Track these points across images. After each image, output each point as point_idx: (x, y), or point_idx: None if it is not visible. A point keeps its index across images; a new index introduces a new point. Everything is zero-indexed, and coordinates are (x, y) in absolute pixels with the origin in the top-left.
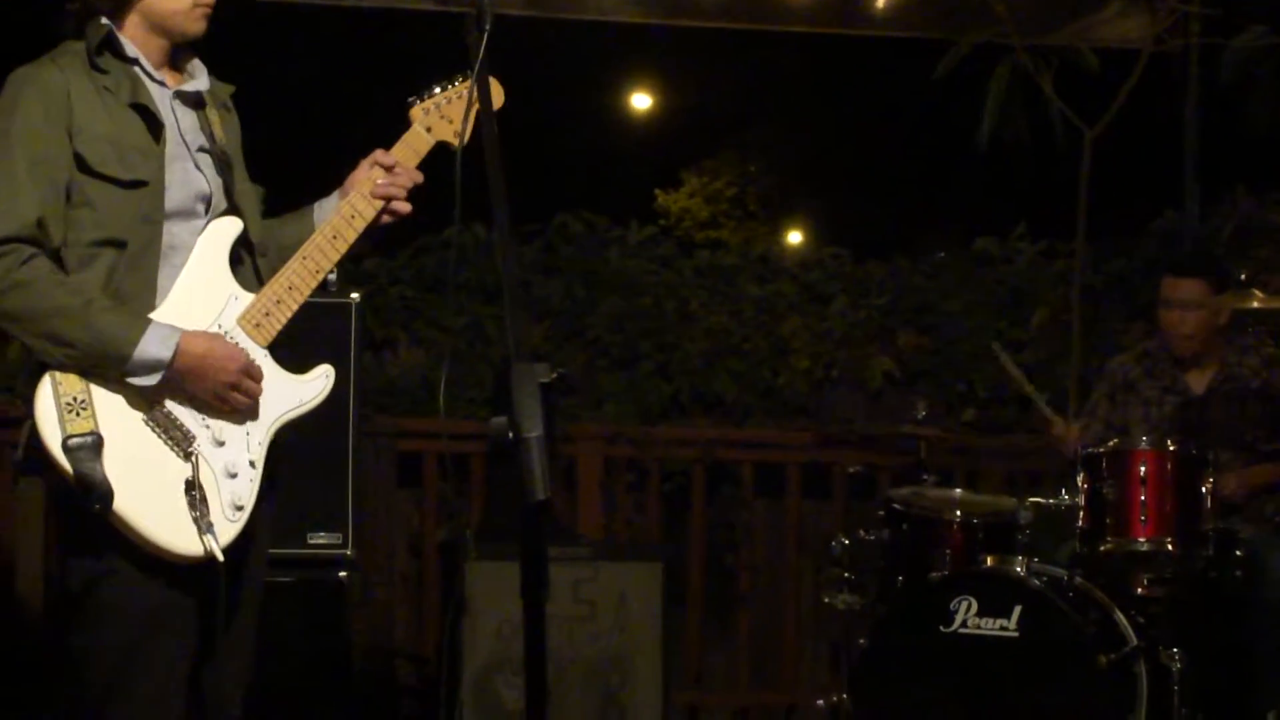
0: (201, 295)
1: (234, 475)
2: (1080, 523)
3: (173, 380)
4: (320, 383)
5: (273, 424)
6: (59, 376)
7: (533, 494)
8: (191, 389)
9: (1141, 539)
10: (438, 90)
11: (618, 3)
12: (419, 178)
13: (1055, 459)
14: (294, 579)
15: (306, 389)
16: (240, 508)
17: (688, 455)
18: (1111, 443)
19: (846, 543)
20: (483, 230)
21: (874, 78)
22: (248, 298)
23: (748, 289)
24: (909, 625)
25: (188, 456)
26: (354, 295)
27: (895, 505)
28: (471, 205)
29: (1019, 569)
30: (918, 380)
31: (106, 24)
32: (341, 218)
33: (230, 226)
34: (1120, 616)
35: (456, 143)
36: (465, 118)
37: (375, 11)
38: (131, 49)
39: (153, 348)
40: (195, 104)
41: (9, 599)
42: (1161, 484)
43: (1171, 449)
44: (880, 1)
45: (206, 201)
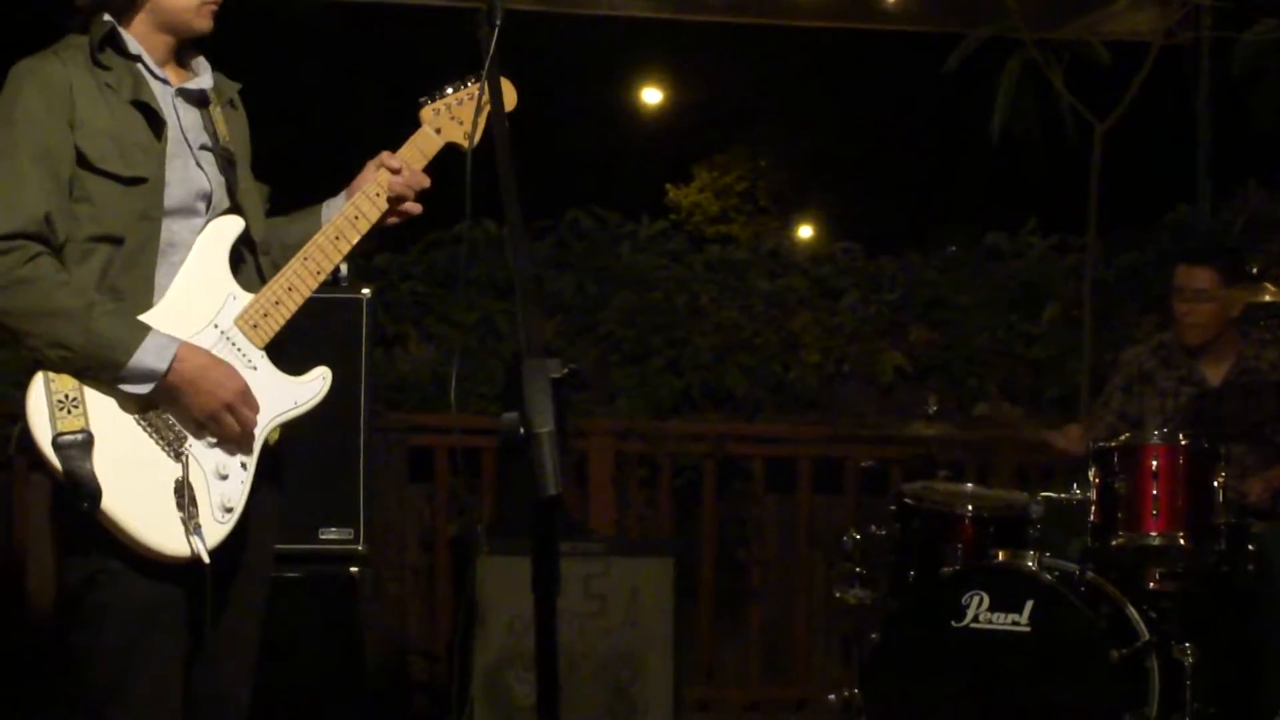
0: (199, 294)
1: (225, 477)
2: (1092, 517)
3: (165, 392)
4: (317, 384)
5: (267, 425)
6: (52, 374)
7: (544, 489)
8: (184, 404)
9: (1153, 533)
10: (449, 91)
11: None
12: (426, 181)
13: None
14: (305, 574)
15: (303, 390)
16: (230, 509)
17: (699, 450)
18: (1123, 437)
19: (858, 537)
20: (494, 226)
21: (884, 72)
22: (246, 297)
23: (758, 284)
24: (920, 620)
25: (178, 457)
26: (365, 291)
27: (906, 500)
28: (482, 201)
29: (1030, 564)
30: (929, 375)
31: (110, 20)
32: (345, 218)
33: (231, 225)
34: (1132, 611)
35: (466, 144)
36: (475, 118)
37: (387, 7)
38: (135, 45)
39: (148, 358)
40: (199, 102)
41: (21, 596)
42: (1173, 478)
43: (1183, 443)
44: None
45: (207, 199)
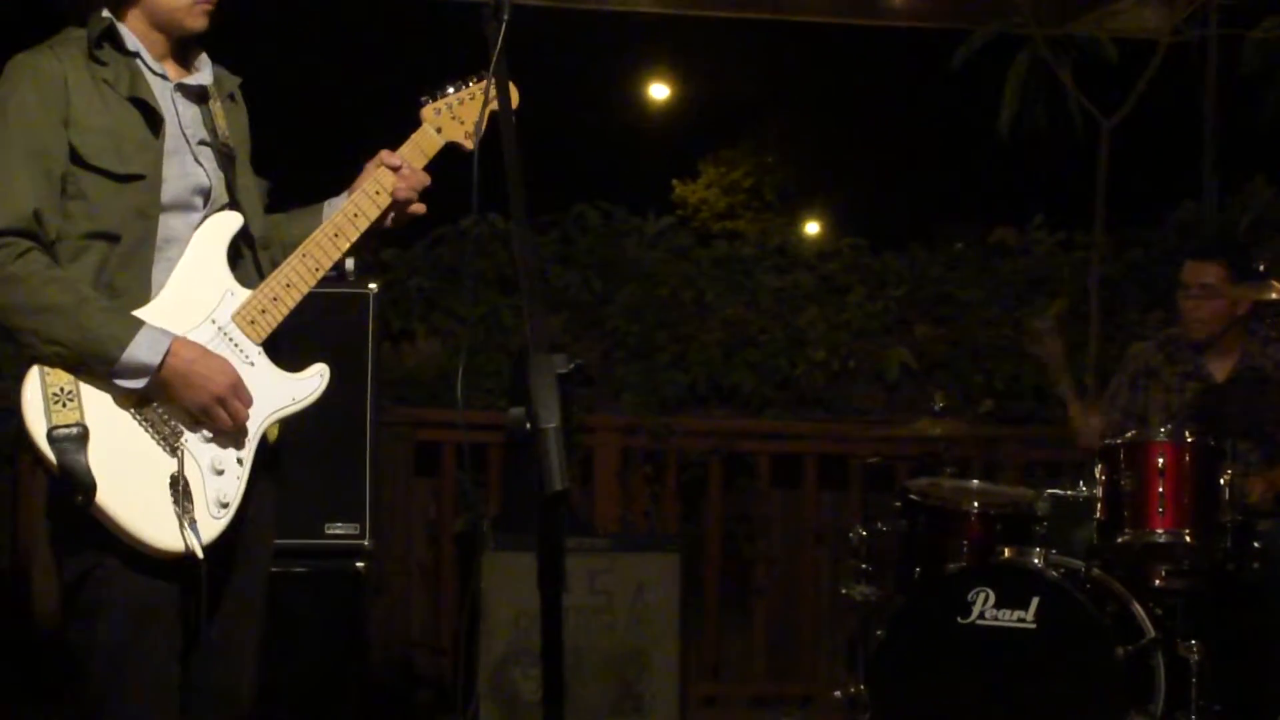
0: (197, 290)
1: (221, 472)
2: (1098, 514)
3: (158, 386)
4: (314, 381)
5: (264, 421)
6: (47, 368)
7: (550, 485)
8: (177, 398)
9: (1159, 530)
10: (450, 90)
11: None
12: (426, 180)
13: (1073, 450)
14: (311, 569)
15: (300, 387)
16: (225, 505)
17: (705, 446)
18: (1129, 434)
19: (864, 534)
20: (500, 221)
21: (892, 68)
22: (245, 293)
23: (765, 280)
24: (926, 616)
25: (174, 452)
26: (371, 286)
27: (912, 496)
28: (488, 196)
29: (1036, 560)
30: (935, 371)
31: (108, 16)
32: (345, 216)
33: (229, 221)
34: (1138, 608)
35: (469, 144)
36: (481, 113)
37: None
38: (133, 41)
39: (141, 352)
40: (198, 97)
41: (28, 589)
42: (1179, 476)
43: (1189, 440)
44: None
45: (205, 195)
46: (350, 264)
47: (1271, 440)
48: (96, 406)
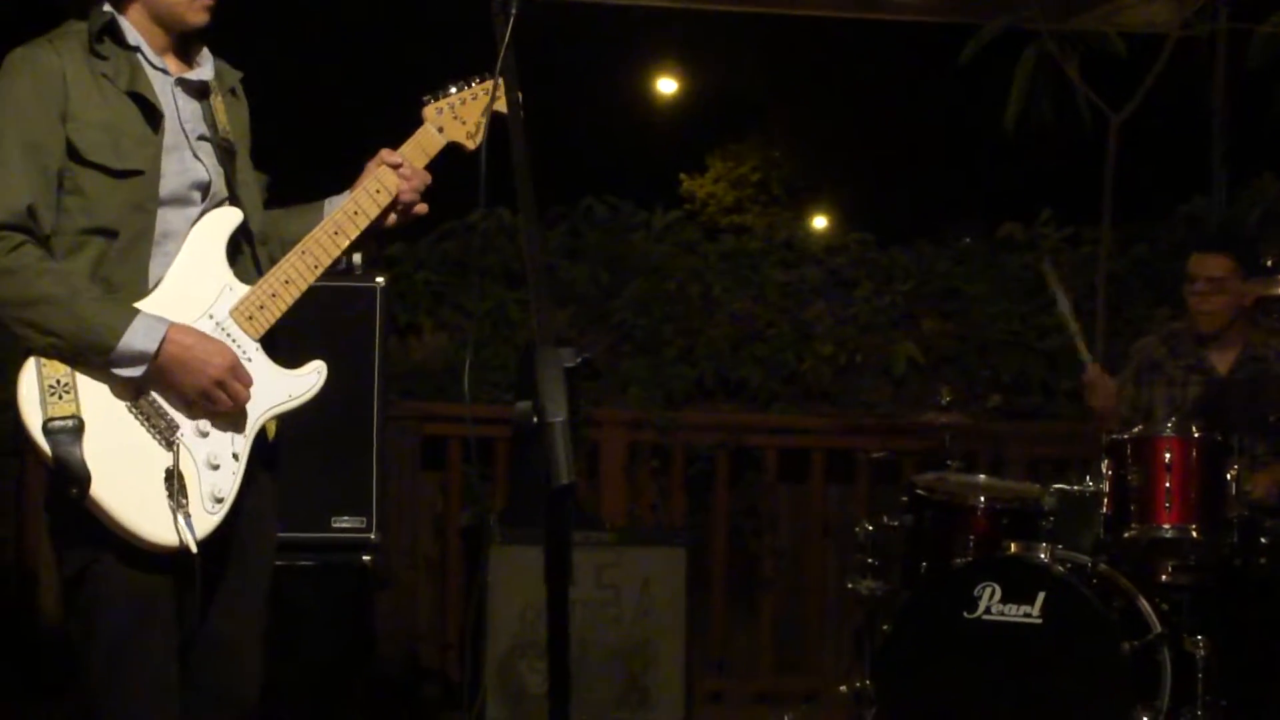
0: (195, 284)
1: (216, 467)
2: (1104, 509)
3: (157, 373)
4: (312, 378)
5: (260, 417)
6: (43, 359)
7: (557, 478)
8: (176, 384)
9: (1166, 526)
10: (453, 90)
11: None
12: (428, 179)
13: (1080, 445)
14: (317, 562)
15: (297, 383)
16: (220, 500)
17: (712, 440)
18: (1136, 429)
19: (870, 528)
20: (507, 214)
21: (899, 63)
22: (243, 289)
23: (772, 274)
24: (932, 611)
25: (170, 445)
26: (379, 280)
27: (919, 491)
28: (496, 189)
29: (1043, 555)
30: (942, 366)
31: (109, 10)
32: (345, 214)
33: (229, 217)
34: (1144, 603)
35: (470, 145)
36: (486, 110)
37: None
38: (134, 35)
39: (138, 340)
40: (199, 93)
41: (35, 583)
42: (1186, 471)
43: (1196, 435)
44: None
45: (204, 190)
46: (357, 258)
47: (1277, 433)
48: (93, 399)
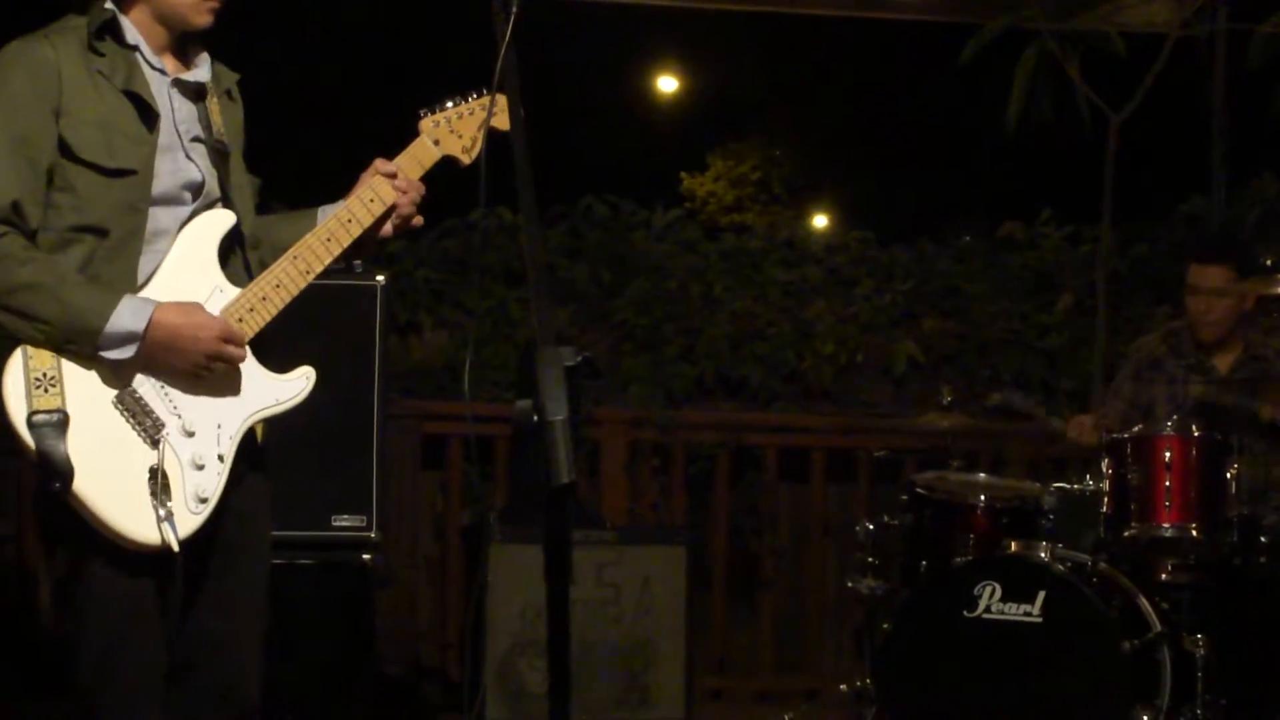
0: (186, 284)
1: (201, 467)
2: (1104, 508)
3: (148, 354)
4: (300, 383)
5: (246, 420)
6: (31, 351)
7: (557, 477)
8: (168, 362)
9: (1166, 525)
10: (449, 105)
11: None
12: (422, 190)
13: (1080, 444)
14: (317, 561)
15: (285, 388)
16: (204, 500)
17: (712, 439)
18: (1136, 428)
19: (870, 527)
20: (507, 213)
21: (900, 62)
22: (233, 291)
23: (773, 273)
24: (933, 610)
25: (155, 444)
26: (379, 278)
27: (919, 490)
28: (496, 188)
29: (1043, 554)
30: (942, 365)
31: (110, 8)
32: (338, 221)
33: (222, 219)
34: (1144, 602)
35: (466, 159)
36: (484, 123)
37: None
38: (133, 34)
39: (125, 319)
40: (195, 94)
41: (35, 584)
42: (1186, 470)
43: (1196, 434)
44: None
45: (195, 190)
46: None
47: (1270, 432)
48: (79, 394)
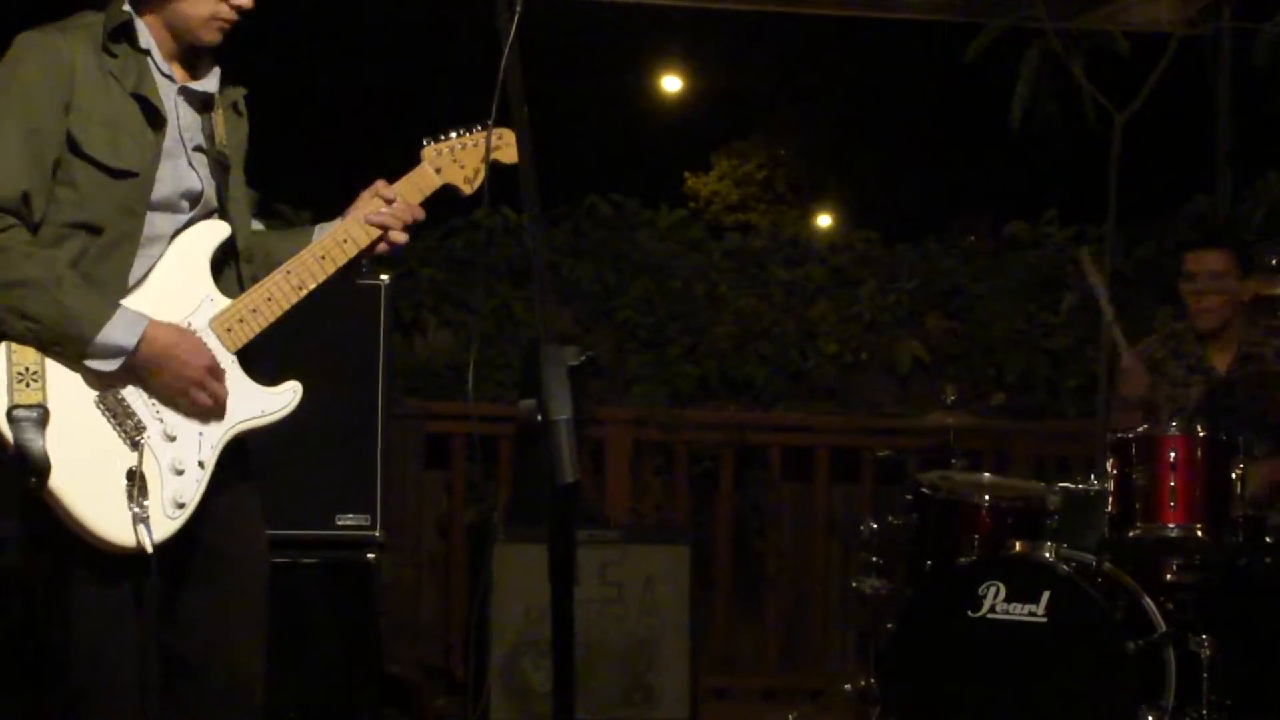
0: (177, 290)
1: (180, 472)
2: (1109, 508)
3: (133, 370)
4: (287, 396)
5: (230, 429)
6: (14, 345)
7: (561, 476)
8: (152, 380)
9: (1171, 525)
10: (453, 135)
11: None
12: (420, 214)
13: (1085, 443)
14: (321, 560)
15: (272, 400)
16: (182, 505)
17: (716, 438)
18: (1141, 428)
19: (875, 527)
20: (511, 213)
21: (904, 61)
22: (224, 301)
23: (777, 272)
24: (937, 610)
25: (135, 446)
26: (383, 278)
27: (924, 489)
28: (500, 188)
29: (1048, 554)
30: (947, 364)
31: (128, 11)
32: (334, 240)
33: (217, 230)
34: (1149, 603)
35: (467, 189)
36: (487, 155)
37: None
38: (146, 39)
39: (117, 333)
40: (201, 104)
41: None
42: (1191, 470)
43: (1201, 435)
44: None
45: (194, 199)
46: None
47: (1276, 432)
48: (61, 391)
